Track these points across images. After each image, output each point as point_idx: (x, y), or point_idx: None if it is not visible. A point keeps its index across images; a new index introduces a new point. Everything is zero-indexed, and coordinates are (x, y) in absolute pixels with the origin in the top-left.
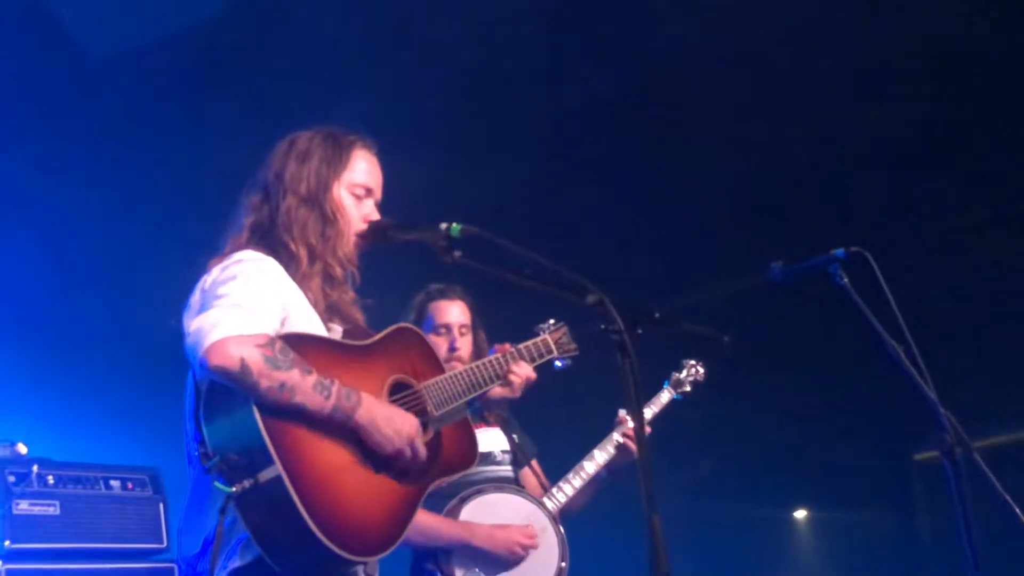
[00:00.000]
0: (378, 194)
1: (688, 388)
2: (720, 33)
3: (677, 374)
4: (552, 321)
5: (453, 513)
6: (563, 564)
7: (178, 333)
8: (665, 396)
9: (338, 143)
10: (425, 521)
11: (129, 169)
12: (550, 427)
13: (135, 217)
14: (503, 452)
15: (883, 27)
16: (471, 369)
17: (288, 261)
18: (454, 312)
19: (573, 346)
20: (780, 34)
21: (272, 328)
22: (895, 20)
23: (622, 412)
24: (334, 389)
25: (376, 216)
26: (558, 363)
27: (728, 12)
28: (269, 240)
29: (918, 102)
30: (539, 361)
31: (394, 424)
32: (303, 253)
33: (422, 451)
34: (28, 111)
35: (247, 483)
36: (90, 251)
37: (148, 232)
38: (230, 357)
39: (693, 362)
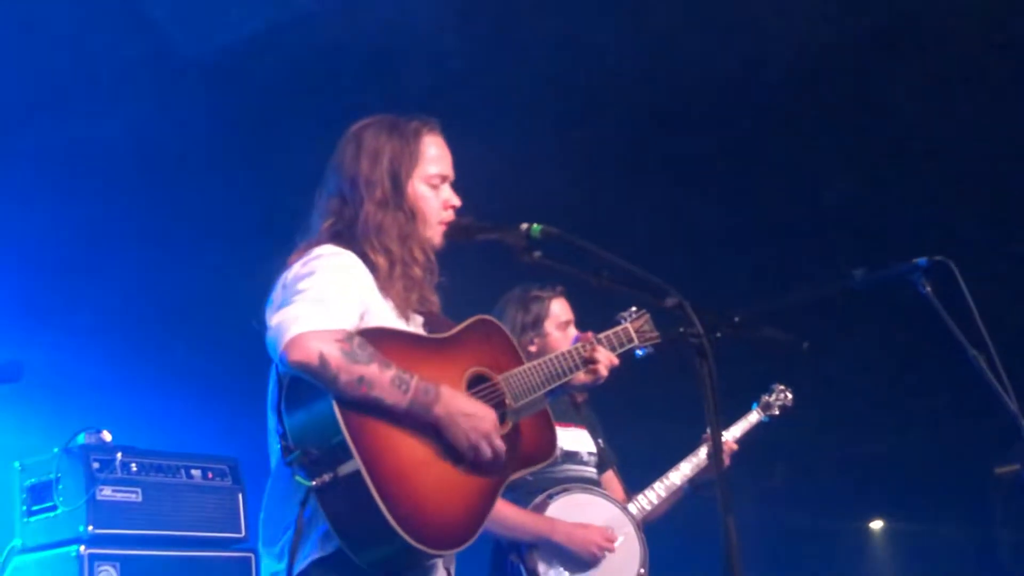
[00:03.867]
0: (452, 175)
1: (776, 412)
2: (805, 38)
3: (767, 397)
4: (634, 309)
5: (539, 509)
6: (642, 571)
7: (260, 326)
8: (754, 417)
9: (404, 135)
10: (508, 513)
11: (222, 158)
12: (635, 436)
13: (222, 206)
14: (589, 454)
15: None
16: (550, 360)
17: (370, 269)
18: (567, 306)
19: (655, 334)
20: (867, 37)
21: (351, 323)
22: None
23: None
24: (412, 383)
25: (456, 200)
26: (639, 352)
27: (812, 18)
28: (349, 244)
29: (1008, 108)
30: (620, 351)
31: (472, 420)
32: (383, 262)
33: (500, 446)
34: (121, 102)
35: (327, 477)
36: (174, 240)
37: (234, 222)
38: (309, 352)
39: (783, 387)
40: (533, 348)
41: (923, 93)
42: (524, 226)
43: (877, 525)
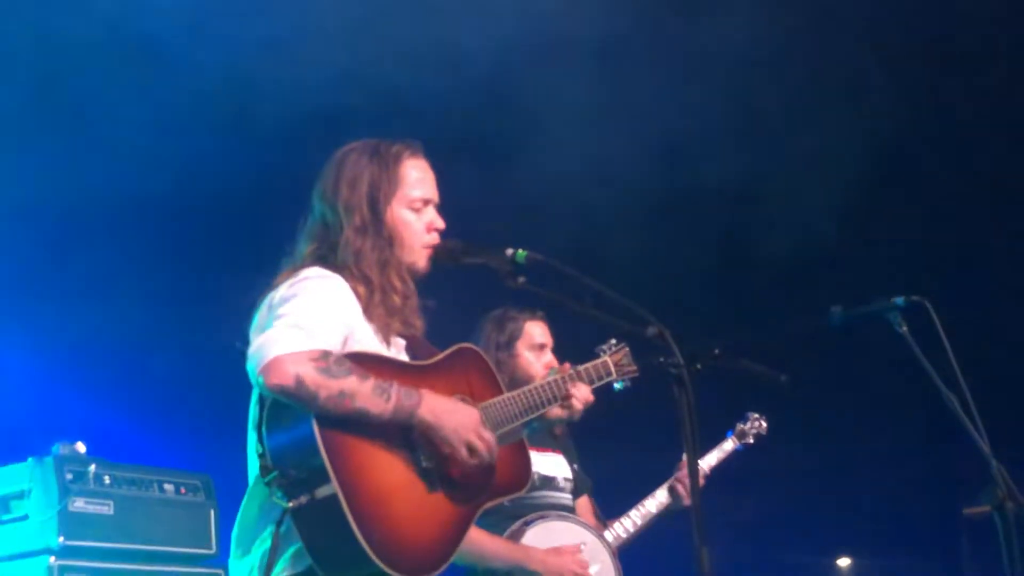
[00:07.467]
0: (436, 198)
1: (751, 440)
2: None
3: (742, 425)
4: (613, 341)
5: (516, 536)
6: None
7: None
8: (728, 445)
9: (384, 160)
10: (483, 541)
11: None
12: (612, 462)
13: (201, 221)
14: (565, 479)
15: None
16: (529, 391)
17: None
18: (546, 331)
19: (634, 367)
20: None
21: (331, 346)
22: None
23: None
24: (393, 390)
25: (440, 222)
26: (617, 385)
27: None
28: (335, 269)
29: (987, 155)
30: (598, 384)
31: (458, 416)
32: (363, 290)
33: (490, 437)
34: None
35: (304, 499)
36: (156, 261)
37: (213, 241)
38: (286, 375)
39: (757, 415)
40: (505, 369)
41: (904, 130)
42: (509, 251)
43: (845, 562)
